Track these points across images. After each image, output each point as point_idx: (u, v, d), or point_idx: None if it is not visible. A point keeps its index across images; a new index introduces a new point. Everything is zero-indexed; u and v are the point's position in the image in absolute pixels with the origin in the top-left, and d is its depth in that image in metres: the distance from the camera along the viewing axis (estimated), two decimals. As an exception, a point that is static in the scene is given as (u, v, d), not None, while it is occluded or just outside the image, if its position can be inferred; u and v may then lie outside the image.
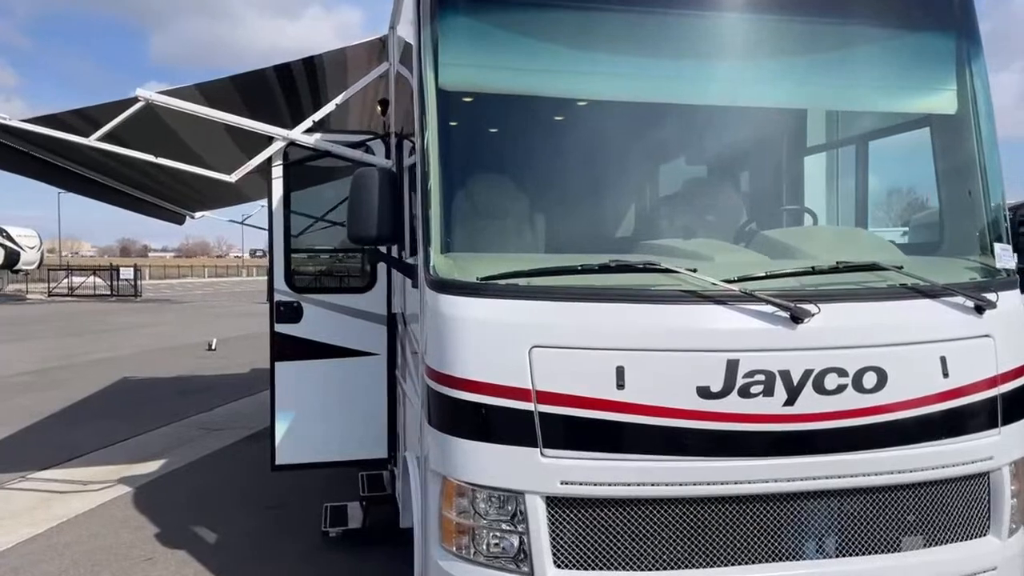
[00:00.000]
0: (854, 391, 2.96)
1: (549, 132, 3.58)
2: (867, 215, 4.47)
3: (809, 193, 4.55)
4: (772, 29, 3.48)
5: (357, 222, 3.37)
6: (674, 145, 4.03)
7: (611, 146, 3.82)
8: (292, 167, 5.14)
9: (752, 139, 4.22)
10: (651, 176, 4.13)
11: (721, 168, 4.20)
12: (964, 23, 3.65)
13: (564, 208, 3.69)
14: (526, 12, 3.36)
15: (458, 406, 2.98)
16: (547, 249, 3.53)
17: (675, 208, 3.94)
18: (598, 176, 3.74)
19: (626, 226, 3.86)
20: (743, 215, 4.15)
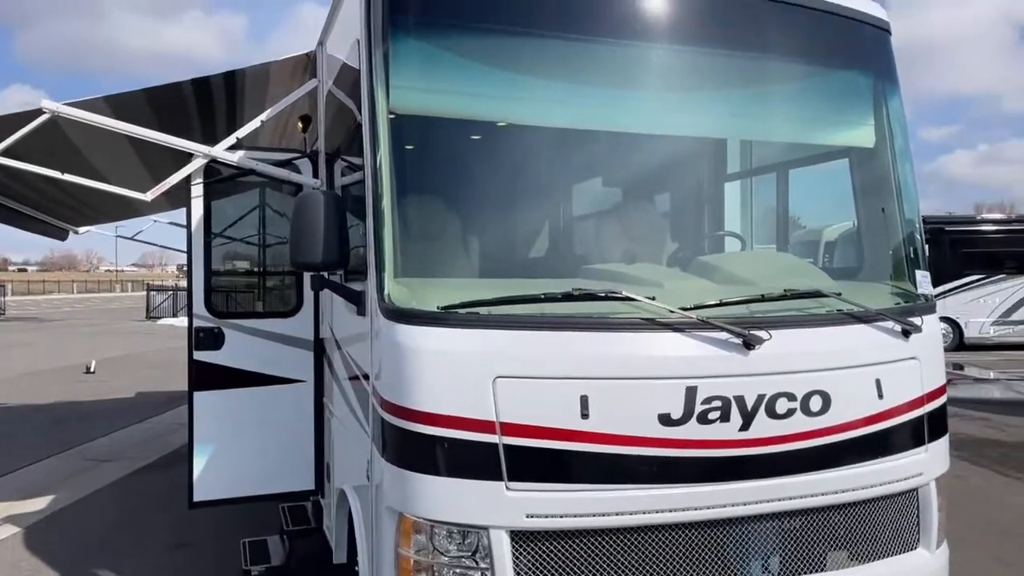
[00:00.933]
0: (802, 415, 3.08)
1: (498, 156, 3.56)
2: (787, 240, 4.68)
3: (737, 219, 4.72)
4: (706, 63, 3.60)
5: (301, 248, 3.23)
6: (620, 172, 4.10)
7: (557, 172, 3.85)
8: (213, 186, 4.88)
9: (685, 166, 4.36)
10: (594, 202, 4.18)
11: (663, 194, 4.30)
12: (882, 62, 3.90)
13: (512, 233, 3.68)
14: (477, 37, 3.34)
15: (417, 440, 2.89)
16: (497, 274, 3.50)
17: (617, 234, 3.99)
18: (545, 201, 3.76)
19: (571, 250, 3.89)
20: (676, 240, 4.27)
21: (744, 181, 4.81)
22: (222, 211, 5.16)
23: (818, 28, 3.69)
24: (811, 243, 4.90)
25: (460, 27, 3.30)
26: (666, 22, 3.49)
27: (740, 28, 3.54)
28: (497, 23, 3.29)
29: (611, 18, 3.37)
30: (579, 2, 3.31)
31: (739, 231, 4.79)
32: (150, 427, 10.90)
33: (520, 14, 3.29)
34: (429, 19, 3.27)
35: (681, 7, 3.43)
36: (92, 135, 5.07)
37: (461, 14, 3.29)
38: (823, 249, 4.98)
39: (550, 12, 3.31)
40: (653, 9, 3.45)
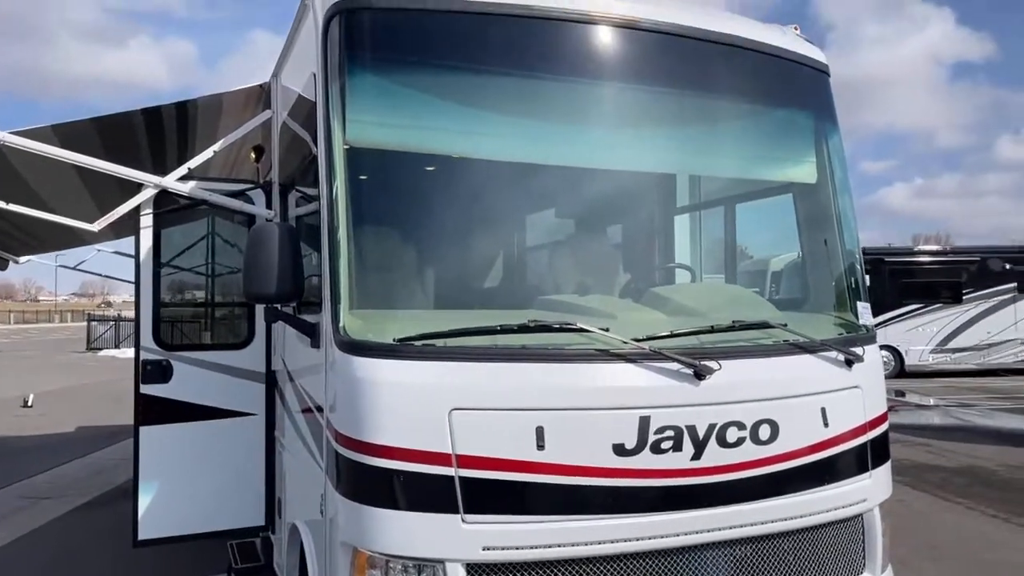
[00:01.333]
0: (752, 443, 3.15)
1: (452, 189, 3.60)
2: (735, 271, 4.81)
3: (688, 251, 4.83)
4: (656, 101, 3.70)
5: (255, 279, 3.21)
6: (570, 205, 4.17)
7: (510, 205, 3.90)
8: (162, 215, 4.81)
9: (637, 200, 4.46)
10: (547, 234, 4.25)
11: (611, 227, 4.39)
12: (821, 102, 4.07)
13: (468, 264, 3.71)
14: (431, 73, 3.39)
15: (372, 473, 2.87)
16: (453, 304, 3.52)
17: (571, 265, 4.04)
18: (499, 233, 3.81)
19: (526, 281, 3.93)
20: (628, 272, 4.35)
21: (694, 214, 4.94)
22: (172, 241, 5.09)
23: (762, 70, 3.84)
24: (758, 274, 5.04)
25: (414, 63, 3.35)
26: (616, 61, 3.59)
27: (688, 68, 3.67)
28: (450, 59, 3.35)
29: (563, 57, 3.45)
30: (531, 41, 3.38)
31: (690, 263, 4.90)
32: (91, 462, 10.55)
33: (474, 51, 3.35)
34: (384, 55, 3.32)
35: (631, 47, 3.53)
36: (38, 164, 4.96)
37: (415, 50, 3.33)
38: (770, 280, 5.12)
39: (503, 50, 3.38)
40: (604, 49, 3.54)
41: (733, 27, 3.74)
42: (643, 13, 3.47)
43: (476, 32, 3.31)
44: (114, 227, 5.43)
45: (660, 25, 3.51)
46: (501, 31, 3.31)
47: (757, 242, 4.98)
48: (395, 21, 3.28)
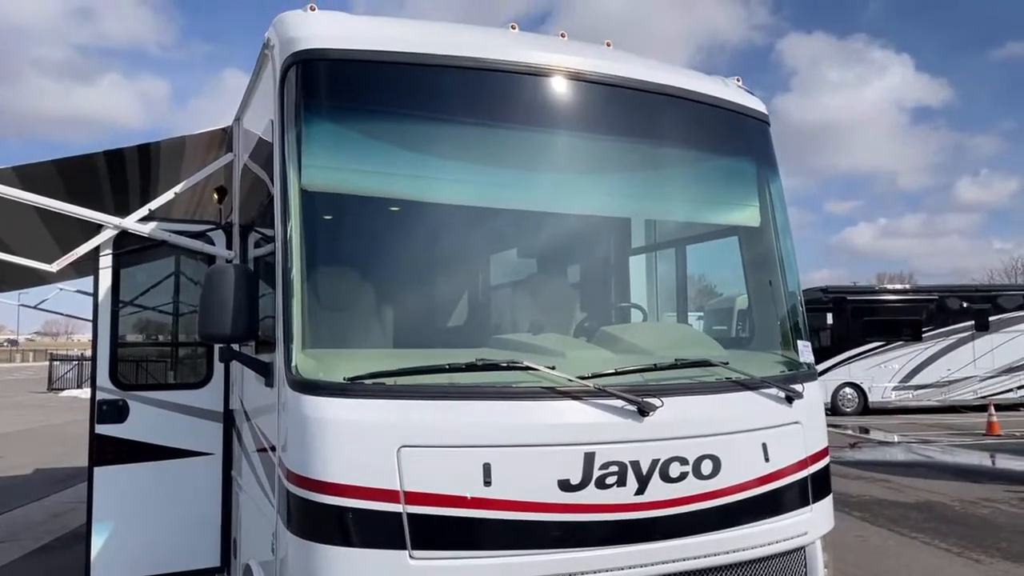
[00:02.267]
0: (694, 478, 3.25)
1: (406, 232, 3.70)
2: (686, 310, 4.95)
3: (641, 291, 4.97)
4: (605, 148, 3.86)
5: (210, 320, 3.27)
6: (523, 247, 4.30)
7: (463, 247, 4.00)
8: (122, 255, 4.85)
9: (587, 242, 4.59)
10: (501, 275, 4.36)
11: (563, 268, 4.52)
12: (763, 150, 4.27)
13: (422, 304, 3.80)
14: (385, 120, 3.52)
15: (321, 511, 2.92)
16: (407, 344, 3.60)
17: (525, 305, 4.17)
18: (453, 274, 3.90)
19: (479, 321, 4.02)
20: (582, 311, 4.47)
21: (647, 256, 5.08)
22: (132, 280, 5.11)
23: (705, 119, 4.02)
24: (708, 313, 5.19)
25: (368, 110, 3.48)
26: (568, 111, 3.75)
27: (634, 117, 3.83)
28: (403, 107, 3.47)
29: (512, 106, 3.60)
30: (482, 90, 3.53)
31: (642, 303, 5.04)
32: (48, 506, 10.32)
33: (426, 100, 3.48)
34: (338, 103, 3.44)
35: (582, 97, 3.69)
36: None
37: (369, 98, 3.47)
38: (718, 319, 5.27)
39: (455, 99, 3.52)
40: (555, 98, 3.70)
41: (677, 79, 3.93)
42: (590, 66, 3.64)
43: (428, 82, 3.45)
44: (76, 266, 5.45)
45: (606, 77, 3.69)
46: (453, 81, 3.46)
47: (708, 282, 5.14)
48: (349, 71, 3.41)
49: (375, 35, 3.52)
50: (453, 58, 3.41)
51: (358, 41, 3.43)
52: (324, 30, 3.44)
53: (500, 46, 3.55)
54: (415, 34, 3.59)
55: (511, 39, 3.78)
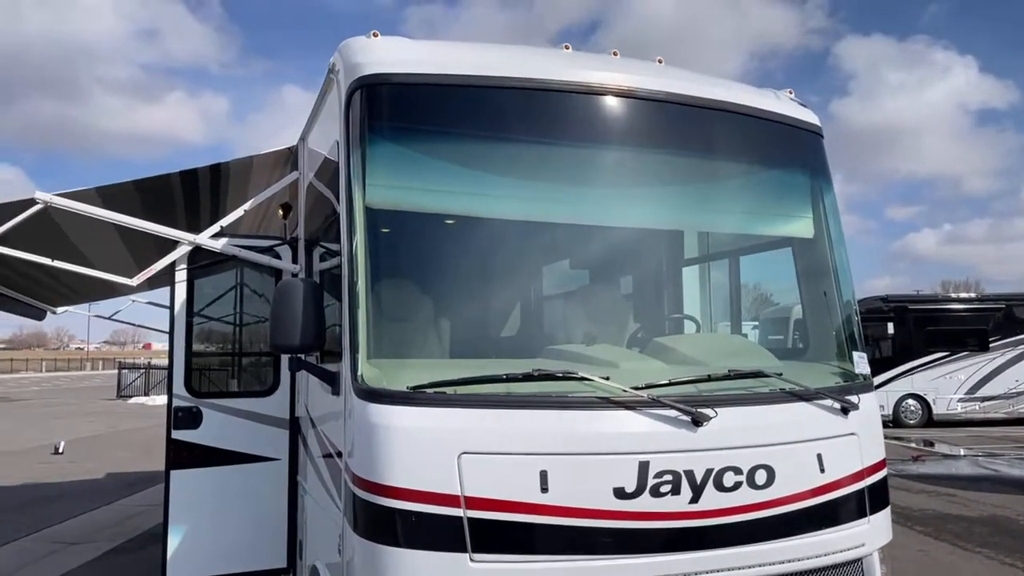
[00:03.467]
0: (749, 487, 3.30)
1: (464, 247, 3.85)
2: (739, 321, 4.98)
3: (695, 302, 5.02)
4: (661, 164, 3.94)
5: (281, 332, 3.46)
6: (579, 260, 4.40)
7: (519, 261, 4.14)
8: (196, 271, 5.12)
9: (641, 255, 4.68)
10: (557, 287, 4.47)
11: (618, 280, 4.61)
12: (817, 162, 4.29)
13: (478, 316, 3.94)
14: (445, 140, 3.67)
15: (386, 514, 3.06)
16: (464, 354, 3.74)
17: (579, 317, 4.25)
18: (510, 287, 4.03)
19: (534, 332, 4.13)
20: (635, 322, 4.55)
21: (700, 267, 5.14)
22: (203, 293, 5.38)
23: (757, 132, 4.07)
24: (762, 324, 5.20)
25: (429, 131, 3.64)
26: (622, 127, 3.84)
27: (687, 133, 3.91)
28: (462, 127, 3.62)
29: (568, 124, 3.71)
30: (538, 109, 3.65)
31: (695, 314, 5.08)
32: (120, 509, 10.77)
33: (483, 120, 3.63)
34: (401, 124, 3.61)
35: (636, 114, 3.78)
36: (81, 222, 5.31)
37: (429, 119, 3.62)
38: (771, 330, 5.27)
39: (512, 118, 3.65)
40: (609, 115, 3.79)
41: (728, 94, 3.99)
42: (643, 83, 3.74)
43: (486, 102, 3.59)
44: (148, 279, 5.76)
45: (658, 94, 3.78)
46: (510, 101, 3.59)
47: (760, 293, 5.15)
48: (410, 94, 3.57)
49: (434, 59, 3.67)
50: (509, 79, 3.54)
51: (418, 65, 3.59)
52: (387, 55, 3.61)
53: (554, 66, 3.68)
54: (472, 57, 3.74)
55: (565, 59, 3.90)
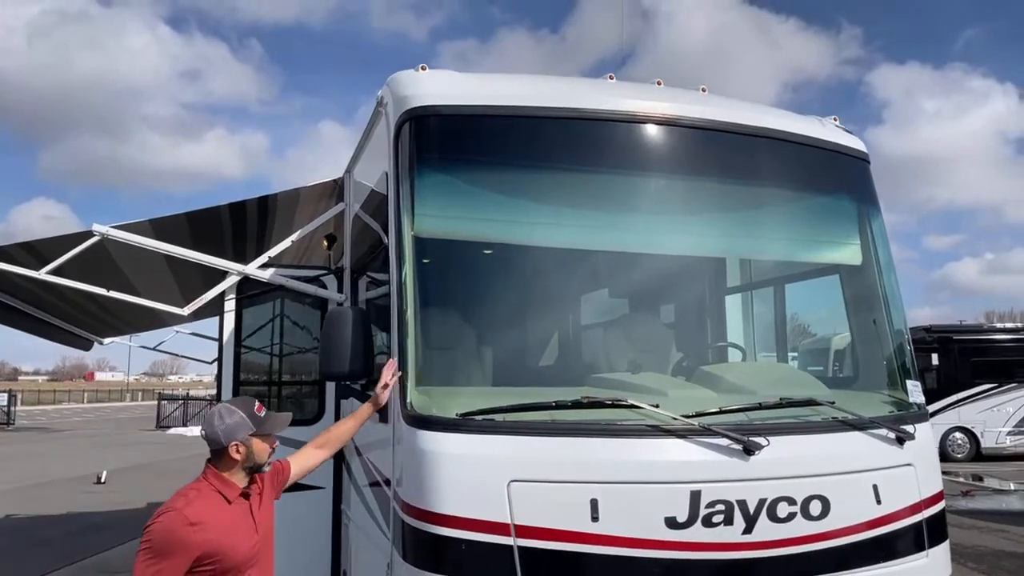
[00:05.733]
0: (803, 518, 3.23)
1: (511, 276, 3.87)
2: (785, 349, 4.90)
3: (738, 330, 4.97)
4: (705, 191, 3.94)
5: (331, 360, 3.50)
6: (625, 288, 4.39)
7: (566, 289, 4.14)
8: (244, 300, 5.21)
9: (687, 282, 4.65)
10: (602, 315, 4.46)
11: (663, 308, 4.58)
12: (864, 189, 4.25)
13: (525, 344, 3.95)
14: (493, 170, 3.72)
15: (436, 542, 3.05)
16: (511, 382, 3.74)
17: (624, 345, 4.23)
18: (557, 315, 4.03)
19: (580, 360, 4.12)
20: (680, 350, 4.51)
21: (744, 295, 5.10)
22: (249, 322, 5.46)
23: (803, 159, 4.06)
24: (808, 353, 5.13)
25: (476, 161, 3.69)
26: (667, 155, 3.86)
27: (733, 160, 3.91)
28: (509, 158, 3.67)
29: (615, 153, 3.74)
30: (585, 139, 3.68)
31: (740, 342, 5.03)
32: (161, 538, 10.83)
33: (530, 150, 3.67)
34: (449, 155, 3.67)
35: (682, 143, 3.79)
36: (132, 254, 5.46)
37: (477, 150, 3.68)
38: (819, 359, 5.19)
39: (558, 148, 3.68)
40: (655, 144, 3.81)
41: (773, 121, 4.00)
42: (688, 111, 3.76)
43: (532, 132, 3.64)
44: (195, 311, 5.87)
45: (704, 122, 3.79)
46: (556, 131, 3.63)
47: (807, 321, 5.09)
48: (458, 125, 3.64)
49: (481, 91, 3.74)
50: (555, 109, 3.59)
51: (465, 97, 3.65)
52: (434, 88, 3.68)
53: (600, 96, 3.71)
54: (518, 88, 3.80)
55: (610, 89, 3.94)
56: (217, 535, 2.92)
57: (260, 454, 3.12)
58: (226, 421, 3.06)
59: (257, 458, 3.11)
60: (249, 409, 3.13)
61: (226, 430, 3.04)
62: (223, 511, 3.01)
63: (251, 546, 3.08)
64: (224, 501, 3.04)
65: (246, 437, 3.07)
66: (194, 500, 2.97)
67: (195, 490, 3.03)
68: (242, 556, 3.01)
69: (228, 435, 3.04)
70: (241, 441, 3.05)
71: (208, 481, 3.07)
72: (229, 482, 3.08)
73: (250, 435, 3.07)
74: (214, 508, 2.99)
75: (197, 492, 3.02)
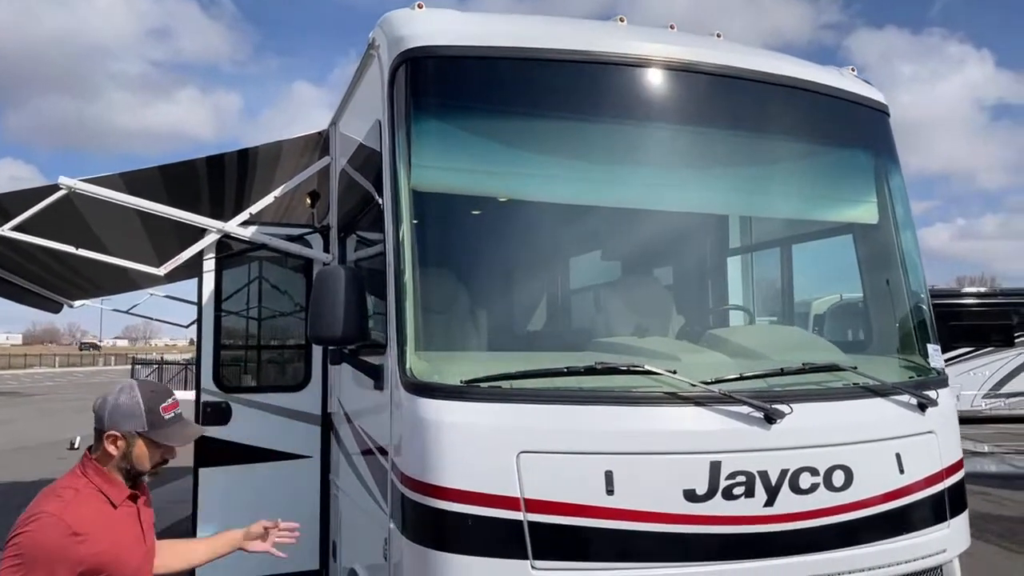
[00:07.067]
0: (826, 489, 3.06)
1: (517, 233, 3.61)
2: (792, 312, 4.72)
3: (742, 292, 4.78)
4: (715, 143, 3.70)
5: (321, 322, 3.24)
6: (637, 246, 4.11)
7: (572, 247, 3.91)
8: (224, 260, 4.90)
9: (693, 241, 4.44)
10: (609, 275, 4.22)
11: (673, 268, 4.36)
12: (884, 143, 4.03)
13: (530, 306, 3.72)
14: (497, 118, 3.45)
15: (439, 517, 2.84)
16: (514, 346, 3.53)
17: (632, 307, 4.02)
18: (563, 276, 3.80)
19: (591, 323, 3.89)
20: (689, 313, 4.31)
21: (748, 256, 4.89)
22: (230, 284, 5.17)
23: (822, 110, 3.82)
24: (817, 316, 4.95)
25: (480, 108, 3.41)
26: (675, 104, 3.60)
27: (750, 110, 3.67)
28: (513, 105, 3.40)
29: (625, 100, 3.48)
30: (594, 85, 3.42)
31: (744, 304, 4.84)
32: (137, 505, 10.59)
33: (540, 96, 3.39)
34: (449, 101, 3.38)
35: (700, 90, 3.54)
36: (102, 210, 5.12)
37: (481, 96, 3.40)
38: (829, 322, 5.03)
39: (572, 94, 3.41)
40: (673, 91, 3.55)
41: (793, 69, 3.75)
42: (708, 57, 3.50)
43: (541, 77, 3.36)
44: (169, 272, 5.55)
45: (725, 69, 3.53)
46: (568, 76, 3.36)
47: (815, 283, 4.89)
48: (460, 68, 3.35)
49: (484, 32, 3.44)
50: (568, 52, 3.31)
51: (467, 37, 3.36)
52: (432, 27, 3.38)
53: (614, 40, 3.44)
54: (525, 29, 3.51)
55: (623, 32, 3.66)
56: (105, 547, 2.42)
57: (140, 460, 2.54)
58: (120, 400, 2.52)
59: (136, 463, 2.54)
60: (156, 403, 2.56)
61: (113, 412, 2.50)
62: (108, 517, 2.48)
63: (140, 558, 2.59)
64: (108, 505, 2.50)
65: (131, 432, 2.50)
66: (72, 502, 2.41)
67: (72, 489, 2.46)
68: (130, 572, 2.53)
69: (112, 419, 2.50)
70: (123, 434, 2.50)
71: (88, 478, 2.51)
72: (114, 480, 2.54)
73: (138, 433, 2.51)
74: (98, 513, 2.46)
75: (75, 492, 2.45)
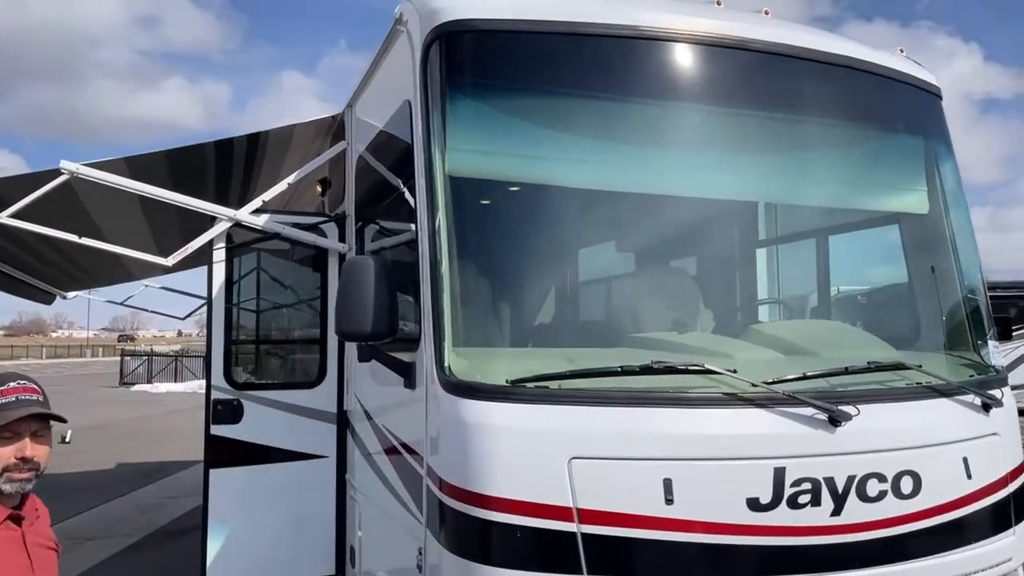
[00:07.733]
0: (894, 497, 2.87)
1: (555, 220, 3.39)
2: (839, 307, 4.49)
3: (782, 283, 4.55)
4: (763, 127, 3.48)
5: (349, 316, 3.00)
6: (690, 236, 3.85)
7: (623, 237, 3.68)
8: (236, 250, 4.65)
9: (736, 231, 4.22)
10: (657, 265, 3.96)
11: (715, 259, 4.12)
12: (937, 128, 3.83)
13: (575, 300, 3.51)
14: (539, 97, 3.22)
15: (485, 528, 2.63)
16: (560, 343, 3.32)
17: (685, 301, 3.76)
18: (611, 267, 3.58)
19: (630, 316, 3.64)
20: (732, 308, 4.10)
21: (786, 247, 4.65)
22: (240, 276, 4.91)
23: (875, 92, 3.62)
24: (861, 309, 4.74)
25: (521, 87, 3.18)
26: (721, 85, 3.38)
27: (801, 90, 3.47)
28: (562, 83, 3.16)
29: (675, 80, 3.26)
30: (643, 62, 3.20)
31: (786, 297, 4.62)
32: (135, 500, 10.38)
33: (586, 74, 3.15)
34: (490, 80, 3.16)
35: (746, 69, 3.32)
36: (103, 197, 4.86)
37: (523, 73, 3.17)
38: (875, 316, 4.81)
39: (614, 72, 3.19)
40: (710, 71, 3.34)
41: (847, 48, 3.54)
42: (759, 34, 3.28)
43: (585, 54, 3.13)
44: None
45: (773, 46, 3.32)
46: (611, 52, 3.13)
47: (856, 275, 4.68)
48: (500, 43, 3.12)
49: (523, 4, 3.19)
50: (617, 27, 3.07)
51: (506, 10, 3.12)
52: (468, 0, 3.14)
53: (662, 15, 3.21)
54: (567, 2, 3.26)
55: (670, 6, 3.43)
56: None
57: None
58: None
59: None
60: None
61: None
62: None
63: None
64: None
65: None
66: None
67: None
68: None
69: None
70: None
71: None
72: None
73: None
74: None
75: None
